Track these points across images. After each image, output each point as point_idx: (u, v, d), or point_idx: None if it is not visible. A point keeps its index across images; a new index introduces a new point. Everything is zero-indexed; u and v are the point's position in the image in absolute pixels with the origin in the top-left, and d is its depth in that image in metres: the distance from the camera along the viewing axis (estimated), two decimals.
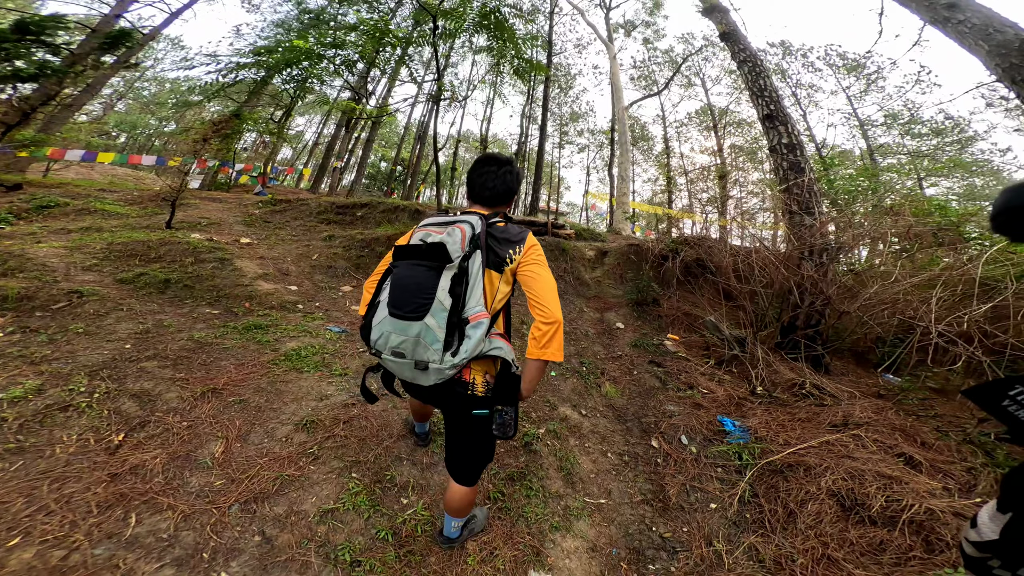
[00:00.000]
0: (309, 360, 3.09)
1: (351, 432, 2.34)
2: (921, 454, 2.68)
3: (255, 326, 3.56)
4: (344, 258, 6.29)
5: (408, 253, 1.35)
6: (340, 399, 2.67)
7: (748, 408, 3.49)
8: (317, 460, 2.05)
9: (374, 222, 8.14)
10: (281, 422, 2.31)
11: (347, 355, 3.34)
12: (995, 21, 2.79)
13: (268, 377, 2.76)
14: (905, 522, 2.08)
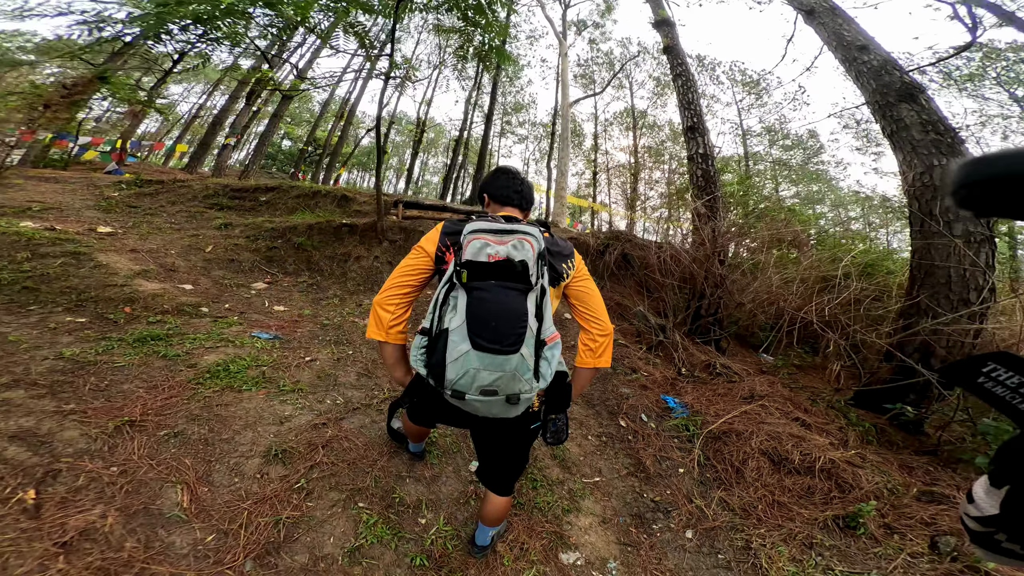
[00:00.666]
0: (243, 376, 2.55)
1: (335, 457, 2.03)
2: (807, 418, 3.47)
3: (151, 337, 2.79)
4: (250, 250, 5.30)
5: (494, 271, 1.10)
6: (305, 420, 2.28)
7: (680, 387, 4.04)
8: (311, 495, 1.73)
9: (285, 208, 7.02)
10: (243, 455, 1.87)
11: (291, 366, 2.85)
12: (889, 64, 3.72)
13: (198, 401, 2.20)
14: (819, 470, 2.68)
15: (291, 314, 3.92)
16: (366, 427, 2.38)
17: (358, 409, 2.55)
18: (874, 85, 3.69)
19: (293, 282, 5.02)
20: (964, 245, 3.35)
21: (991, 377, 0.39)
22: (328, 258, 5.69)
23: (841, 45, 3.92)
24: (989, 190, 0.28)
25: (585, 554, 1.94)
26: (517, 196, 1.43)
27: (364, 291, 5.12)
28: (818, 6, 4.18)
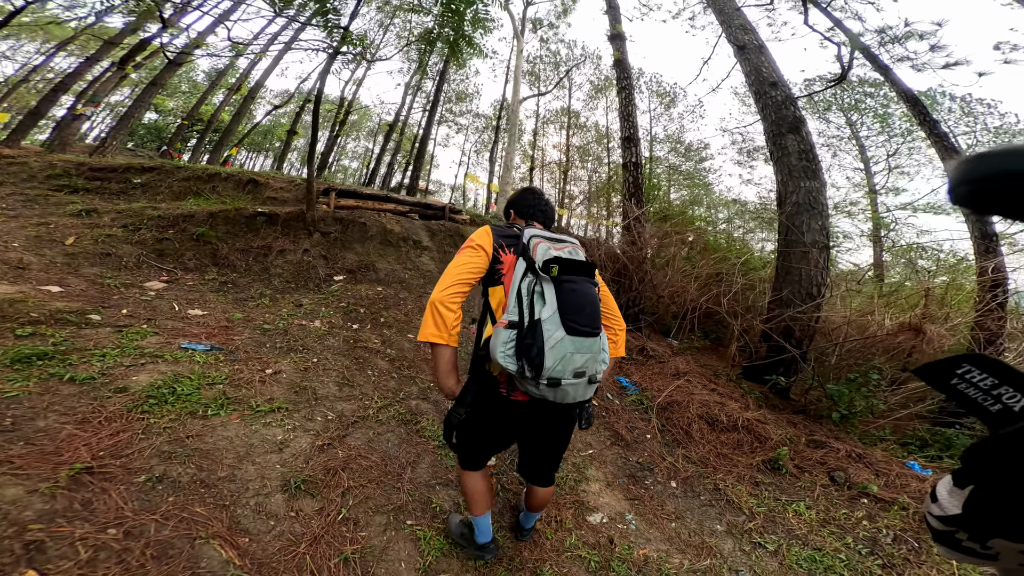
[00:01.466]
0: (198, 398, 2.12)
1: (360, 478, 1.86)
2: (720, 389, 4.28)
3: (35, 355, 2.09)
4: (131, 242, 4.21)
5: (578, 268, 1.27)
6: (305, 442, 2.02)
7: (626, 369, 4.59)
8: (359, 524, 1.58)
9: (170, 193, 5.67)
10: (260, 493, 1.59)
11: (253, 382, 2.44)
12: (789, 100, 4.64)
13: (158, 434, 1.77)
14: (741, 427, 3.38)
15: (215, 319, 3.29)
16: (373, 440, 2.21)
17: (356, 423, 2.34)
18: (774, 117, 4.68)
19: (199, 280, 4.17)
20: (812, 251, 4.48)
21: (964, 379, 0.39)
22: (241, 252, 4.85)
23: (758, 79, 4.85)
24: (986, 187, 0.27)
25: (606, 512, 2.23)
26: (541, 214, 1.61)
27: (296, 289, 4.53)
28: (749, 44, 5.07)
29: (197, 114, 12.85)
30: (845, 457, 3.08)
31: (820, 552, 2.19)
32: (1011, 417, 0.35)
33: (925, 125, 5.21)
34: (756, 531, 2.33)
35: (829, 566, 2.09)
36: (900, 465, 2.93)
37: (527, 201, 1.63)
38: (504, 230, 1.44)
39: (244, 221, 5.24)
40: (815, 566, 2.09)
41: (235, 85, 13.12)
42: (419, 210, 6.66)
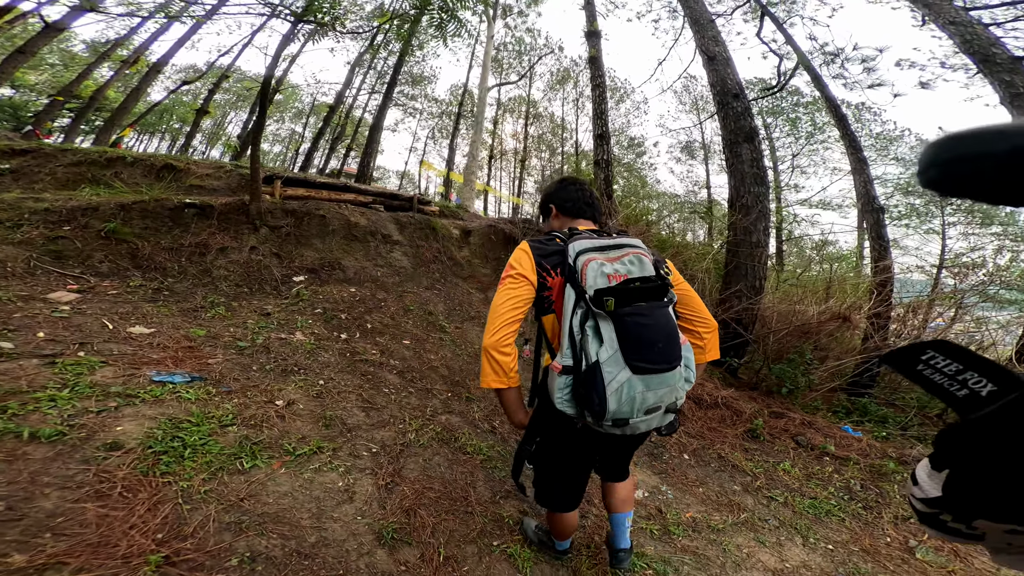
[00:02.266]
0: (218, 448, 1.72)
1: (435, 512, 1.72)
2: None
3: None
4: (13, 242, 3.21)
5: (641, 293, 1.06)
6: (368, 484, 1.78)
7: None
8: (459, 559, 1.48)
9: (53, 181, 4.39)
10: (362, 553, 1.36)
11: (270, 418, 2.05)
12: (747, 112, 5.07)
13: (206, 501, 1.40)
14: (721, 404, 3.81)
15: (171, 338, 2.66)
16: (427, 467, 2.04)
17: (401, 452, 2.12)
18: (733, 126, 5.19)
19: (122, 288, 3.33)
20: (757, 250, 5.14)
21: (929, 364, 0.40)
22: (170, 251, 3.98)
23: (723, 90, 5.29)
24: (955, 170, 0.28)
25: (644, 488, 2.46)
26: (590, 208, 1.38)
27: (252, 294, 3.87)
28: (719, 55, 5.47)
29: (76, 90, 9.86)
30: (800, 424, 3.66)
31: (816, 500, 2.61)
32: (979, 402, 0.36)
33: (845, 137, 6.27)
34: (764, 488, 2.69)
35: (828, 510, 2.51)
36: (838, 429, 3.57)
37: (570, 194, 1.37)
38: (544, 245, 1.21)
39: (168, 214, 4.30)
40: (818, 511, 2.49)
41: (130, 58, 10.32)
42: (384, 201, 6.10)
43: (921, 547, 2.15)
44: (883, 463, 2.96)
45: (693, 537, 2.09)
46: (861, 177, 5.71)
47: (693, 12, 5.75)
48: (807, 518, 2.41)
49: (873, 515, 2.48)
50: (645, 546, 1.94)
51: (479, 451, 2.40)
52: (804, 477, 2.90)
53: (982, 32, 4.61)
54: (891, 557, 2.09)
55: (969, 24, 4.66)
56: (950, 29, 4.76)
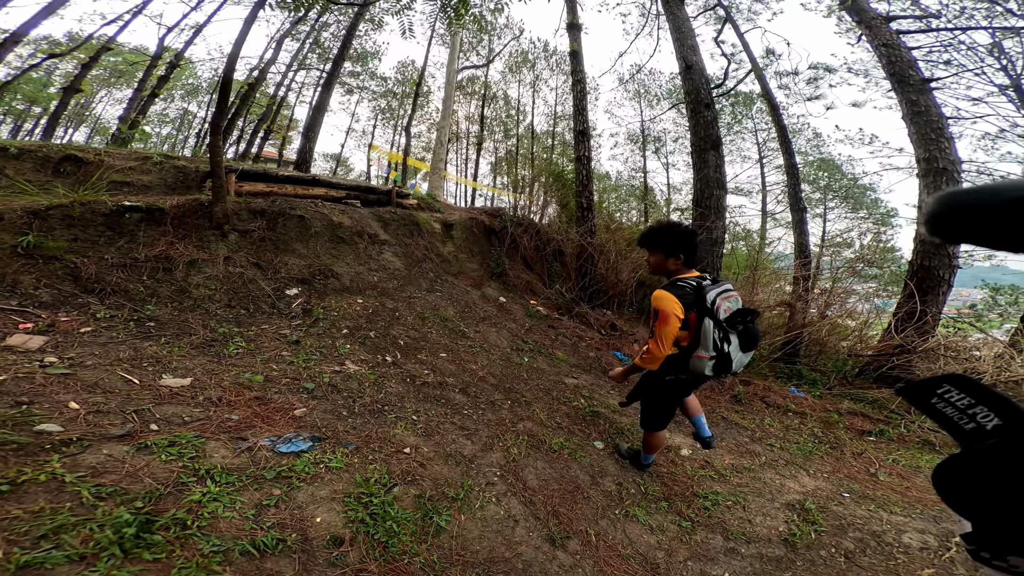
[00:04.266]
0: (405, 515, 1.66)
1: (571, 506, 2.07)
2: None
3: (135, 526, 1.21)
4: None
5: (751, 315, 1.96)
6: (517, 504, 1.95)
7: (611, 343, 5.37)
8: (607, 534, 1.73)
9: None
10: (548, 558, 1.59)
11: (415, 472, 1.99)
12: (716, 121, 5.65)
13: (436, 567, 1.40)
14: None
15: (223, 388, 2.28)
16: (539, 473, 2.32)
17: (514, 467, 2.30)
18: (703, 134, 5.83)
19: (91, 322, 2.63)
20: (715, 247, 6.04)
21: (943, 398, 0.40)
22: (123, 269, 3.20)
23: (696, 99, 5.81)
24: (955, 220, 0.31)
25: (687, 448, 3.04)
26: (700, 261, 2.21)
27: (251, 315, 3.36)
28: (695, 66, 5.89)
29: None
30: (762, 389, 4.66)
31: (799, 444, 3.47)
32: (983, 435, 0.36)
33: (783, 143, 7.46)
34: (764, 439, 3.49)
35: (810, 451, 3.38)
36: (787, 391, 4.65)
37: (694, 248, 2.03)
38: (684, 294, 1.91)
39: (103, 221, 3.39)
40: (803, 451, 3.37)
41: None
42: (359, 195, 5.49)
43: (880, 472, 3.10)
44: (829, 415, 4.02)
45: (739, 477, 2.75)
46: (793, 180, 7.00)
47: (676, 20, 6.16)
48: (800, 457, 3.24)
49: (839, 453, 3.43)
50: (714, 487, 2.55)
51: (563, 447, 2.68)
52: (783, 429, 3.80)
53: (906, 55, 5.81)
54: (865, 481, 2.98)
55: (897, 47, 5.81)
56: (882, 51, 5.90)
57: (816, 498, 2.55)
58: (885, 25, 5.91)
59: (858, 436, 3.90)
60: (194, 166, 4.69)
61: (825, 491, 2.69)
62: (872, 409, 4.51)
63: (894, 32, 5.87)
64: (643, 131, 18.60)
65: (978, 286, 10.25)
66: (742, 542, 2.08)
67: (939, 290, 5.04)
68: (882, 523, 2.30)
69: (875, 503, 2.57)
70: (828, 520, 2.30)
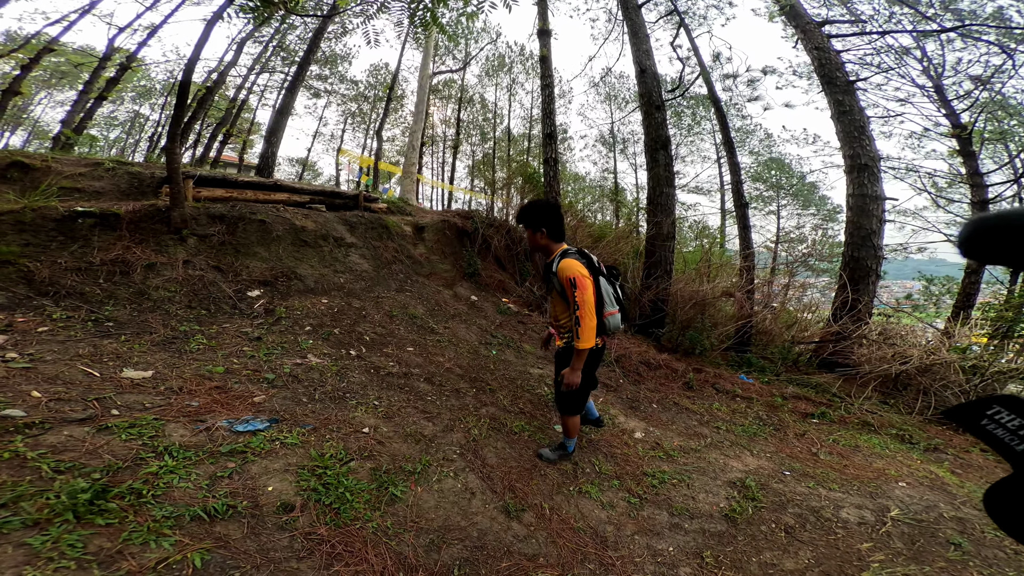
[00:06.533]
0: (362, 485, 1.79)
1: (527, 482, 2.14)
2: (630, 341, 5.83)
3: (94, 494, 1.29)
4: None
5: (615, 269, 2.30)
6: (475, 479, 2.08)
7: None
8: (561, 508, 1.91)
9: None
10: (503, 529, 1.69)
11: (370, 447, 2.11)
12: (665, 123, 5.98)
13: (390, 532, 1.53)
14: (662, 365, 4.94)
15: (184, 379, 2.33)
16: (499, 452, 2.46)
17: (475, 446, 2.44)
18: (654, 135, 6.19)
19: (48, 322, 2.63)
20: (668, 242, 6.38)
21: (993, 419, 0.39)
22: (79, 272, 3.19)
23: (648, 101, 6.16)
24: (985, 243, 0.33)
25: (640, 431, 3.24)
26: (563, 235, 2.23)
27: (212, 315, 3.39)
28: (649, 70, 6.22)
29: None
30: (714, 376, 4.98)
31: (744, 426, 3.76)
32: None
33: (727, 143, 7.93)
34: (711, 422, 3.76)
35: (754, 432, 3.65)
36: (737, 378, 4.99)
37: (560, 224, 2.16)
38: (586, 261, 2.07)
39: (53, 226, 3.36)
40: (747, 432, 3.63)
41: None
42: (324, 200, 5.53)
43: (821, 451, 3.40)
44: (774, 399, 4.35)
45: (686, 457, 2.96)
46: (736, 177, 7.49)
47: (634, 25, 6.53)
48: (744, 438, 3.51)
49: (782, 434, 3.74)
50: (662, 466, 2.75)
51: (524, 429, 2.86)
52: (730, 412, 4.09)
53: (835, 58, 6.34)
54: (806, 460, 3.24)
55: (828, 51, 6.36)
56: (814, 54, 6.44)
57: (758, 476, 2.70)
58: (818, 30, 6.47)
59: (801, 418, 4.23)
60: (149, 172, 4.65)
61: (767, 470, 2.88)
62: (815, 393, 4.89)
63: (826, 36, 6.43)
64: (613, 133, 19.29)
65: (915, 277, 11.18)
66: (686, 518, 2.22)
67: (868, 279, 5.53)
68: (821, 499, 2.42)
69: (815, 480, 2.72)
70: (769, 497, 2.43)
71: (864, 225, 5.47)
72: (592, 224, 8.35)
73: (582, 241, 7.29)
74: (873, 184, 5.49)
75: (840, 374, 5.19)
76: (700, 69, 8.04)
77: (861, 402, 4.55)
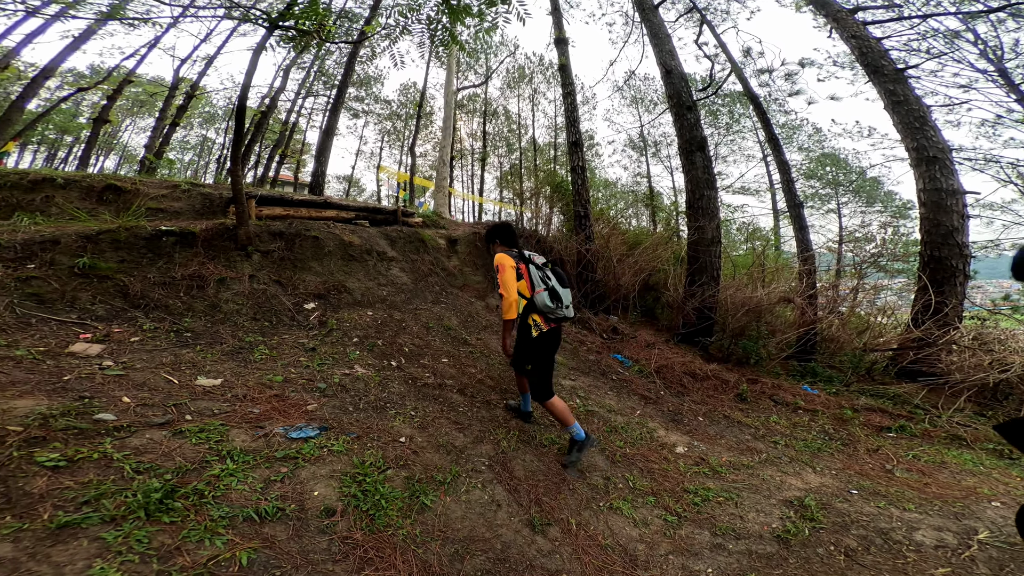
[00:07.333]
0: (396, 493, 1.88)
1: (554, 496, 2.09)
2: (676, 352, 5.59)
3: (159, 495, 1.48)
4: None
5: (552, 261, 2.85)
6: (502, 491, 2.09)
7: (614, 347, 5.47)
8: (589, 525, 1.85)
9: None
10: (526, 543, 1.70)
11: (408, 458, 2.22)
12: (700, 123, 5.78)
13: (418, 540, 1.60)
14: (711, 376, 4.67)
15: (248, 387, 2.59)
16: (527, 465, 2.42)
17: (503, 458, 2.44)
18: (687, 136, 5.96)
19: (144, 334, 3.03)
20: (712, 247, 6.06)
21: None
22: (163, 287, 3.63)
23: (678, 102, 5.98)
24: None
25: (682, 445, 3.11)
26: (516, 242, 2.88)
27: (274, 327, 3.71)
28: (675, 70, 6.08)
29: None
30: (772, 387, 4.64)
31: (807, 441, 3.46)
32: None
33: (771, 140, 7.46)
34: (767, 436, 3.50)
35: (818, 448, 3.36)
36: (799, 389, 4.61)
37: (512, 238, 2.89)
38: (512, 253, 2.66)
39: (144, 244, 3.86)
40: (810, 447, 3.35)
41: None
42: (367, 215, 5.91)
43: (898, 467, 3.06)
44: (842, 412, 3.98)
45: (736, 473, 2.77)
46: (785, 175, 6.98)
47: (653, 27, 6.38)
48: (806, 454, 3.23)
49: (851, 449, 3.40)
50: (707, 483, 2.58)
51: (552, 442, 2.84)
52: (791, 426, 3.79)
53: (875, 45, 5.82)
54: (878, 477, 2.93)
55: (866, 38, 5.85)
56: (852, 42, 5.93)
57: (819, 494, 2.49)
58: (851, 17, 5.93)
59: (875, 432, 3.82)
60: (218, 192, 5.21)
61: (831, 488, 2.65)
62: (892, 405, 4.40)
63: (860, 23, 5.88)
64: (643, 136, 18.72)
65: None
66: (731, 538, 2.08)
67: (955, 280, 4.90)
68: (892, 520, 2.20)
69: (886, 500, 2.49)
70: (830, 517, 2.23)
71: (943, 222, 4.86)
72: (626, 231, 8.11)
73: (616, 249, 7.11)
74: (947, 177, 4.88)
75: (924, 384, 4.64)
76: (731, 66, 7.60)
77: (951, 414, 4.02)
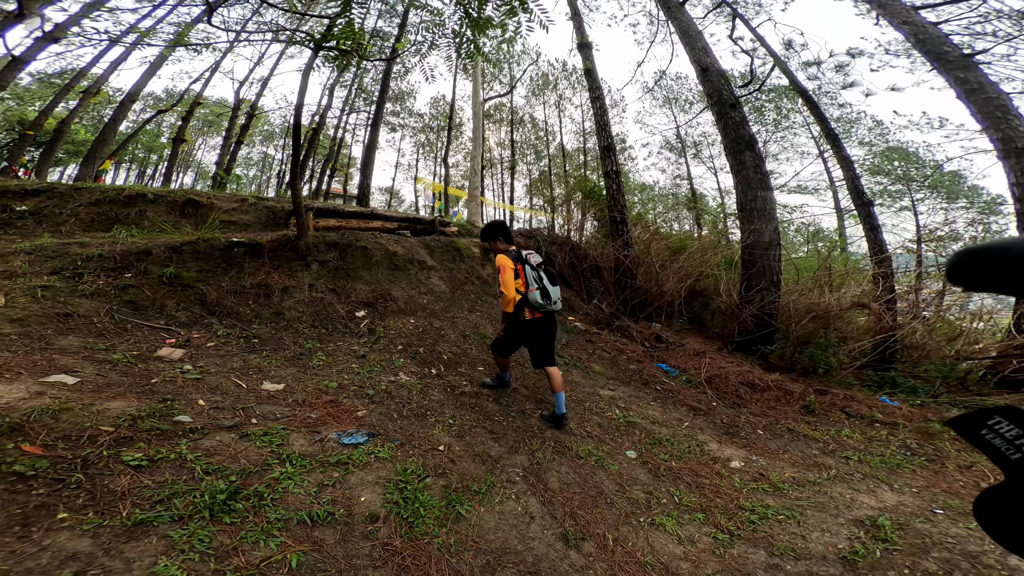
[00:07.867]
0: (434, 502, 1.95)
1: (590, 510, 2.04)
2: (730, 360, 5.27)
3: (224, 495, 1.66)
4: (84, 294, 3.28)
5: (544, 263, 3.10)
6: (535, 502, 2.09)
7: (657, 355, 5.28)
8: (627, 541, 1.80)
9: (79, 223, 4.23)
10: (559, 557, 1.69)
11: (446, 466, 2.30)
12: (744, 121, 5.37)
13: (452, 550, 1.66)
14: (772, 386, 4.34)
15: (306, 393, 2.82)
16: (562, 476, 2.38)
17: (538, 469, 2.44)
18: (734, 135, 5.62)
19: (219, 340, 3.40)
20: (770, 250, 5.65)
21: (993, 429, 0.41)
22: (234, 295, 4.03)
23: (719, 100, 5.67)
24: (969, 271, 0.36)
25: (737, 459, 2.92)
26: (511, 238, 3.24)
27: (330, 334, 3.99)
28: (711, 67, 5.79)
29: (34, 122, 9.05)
30: (844, 399, 4.23)
31: (884, 457, 3.11)
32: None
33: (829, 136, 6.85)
34: (838, 451, 3.20)
35: (897, 464, 3.02)
36: (876, 400, 4.17)
37: (509, 235, 3.23)
38: (511, 254, 3.01)
39: (218, 255, 4.31)
40: (889, 465, 2.99)
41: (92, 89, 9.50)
42: (408, 225, 6.19)
43: None
44: (929, 425, 3.54)
45: (800, 490, 2.55)
46: (849, 172, 6.35)
47: (681, 24, 6.07)
48: (883, 471, 2.89)
49: (938, 466, 3.01)
50: (766, 500, 2.41)
51: (590, 454, 2.76)
52: (865, 440, 3.44)
53: (932, 31, 5.14)
54: (969, 497, 2.56)
55: (920, 24, 5.20)
56: (904, 28, 5.29)
57: (896, 514, 2.28)
58: (897, 1, 5.26)
59: (969, 447, 3.39)
60: (280, 205, 5.70)
61: (910, 507, 2.39)
62: None
63: (910, 8, 5.19)
64: (680, 137, 17.79)
65: None
66: (789, 559, 1.94)
67: None
68: (983, 543, 1.98)
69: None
70: (907, 538, 2.04)
71: None
72: (668, 235, 7.77)
73: (658, 254, 6.83)
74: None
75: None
76: (773, 60, 7.01)
77: None
